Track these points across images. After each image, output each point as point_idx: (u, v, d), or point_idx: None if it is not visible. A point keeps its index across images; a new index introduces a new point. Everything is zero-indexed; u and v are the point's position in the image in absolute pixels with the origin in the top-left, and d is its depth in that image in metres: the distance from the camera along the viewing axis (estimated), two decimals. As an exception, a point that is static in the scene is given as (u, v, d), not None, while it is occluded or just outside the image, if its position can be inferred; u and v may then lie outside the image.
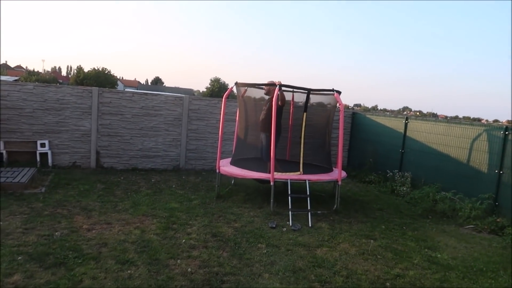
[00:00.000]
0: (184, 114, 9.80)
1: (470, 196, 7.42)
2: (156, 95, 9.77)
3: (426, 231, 6.37)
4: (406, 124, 9.56)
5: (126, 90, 10.80)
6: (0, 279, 3.74)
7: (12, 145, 8.55)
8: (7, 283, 3.69)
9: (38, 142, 8.71)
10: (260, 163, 7.54)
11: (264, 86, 7.45)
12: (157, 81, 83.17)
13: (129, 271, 4.11)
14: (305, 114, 7.42)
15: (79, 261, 4.25)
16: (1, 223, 5.19)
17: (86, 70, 50.86)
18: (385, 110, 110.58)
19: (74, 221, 5.48)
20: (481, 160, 7.57)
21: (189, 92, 64.66)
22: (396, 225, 6.54)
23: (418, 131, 9.21)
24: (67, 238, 4.82)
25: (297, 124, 8.46)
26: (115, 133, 9.30)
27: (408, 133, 9.49)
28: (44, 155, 8.76)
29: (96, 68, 50.82)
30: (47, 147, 8.76)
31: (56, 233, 4.96)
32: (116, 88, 53.99)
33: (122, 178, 8.40)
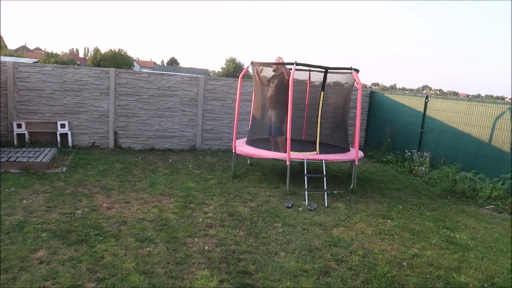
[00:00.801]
0: (200, 94, 9.81)
1: (492, 176, 7.28)
2: (172, 75, 9.78)
3: (444, 211, 6.31)
4: (426, 103, 9.37)
5: (142, 70, 10.83)
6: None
7: (33, 126, 8.75)
8: (33, 258, 3.84)
9: (58, 123, 8.89)
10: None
11: (272, 65, 7.36)
12: (173, 62, 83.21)
13: (148, 249, 4.21)
14: (322, 93, 7.34)
15: (100, 238, 4.38)
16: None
17: (103, 51, 51.18)
18: (404, 89, 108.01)
19: (95, 199, 5.62)
20: (504, 139, 7.38)
21: (204, 72, 64.60)
22: (414, 205, 6.49)
23: (438, 110, 9.01)
24: (88, 216, 4.96)
25: (313, 103, 8.37)
26: (132, 114, 9.40)
27: (427, 112, 9.30)
28: (64, 136, 8.94)
29: (113, 50, 51.07)
30: (67, 128, 8.93)
31: (78, 211, 5.10)
32: (132, 69, 54.25)
33: (139, 158, 8.53)
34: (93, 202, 5.51)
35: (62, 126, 8.92)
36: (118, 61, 48.33)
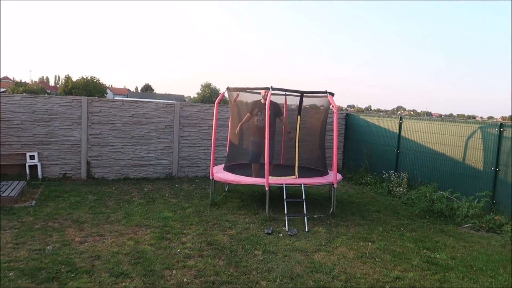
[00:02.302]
0: (175, 121, 9.79)
1: (467, 194, 7.48)
2: (146, 102, 9.75)
3: (424, 231, 6.41)
4: (400, 124, 9.63)
5: (115, 98, 10.75)
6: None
7: (1, 158, 8.48)
8: (-2, 300, 3.65)
9: (27, 155, 8.65)
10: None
11: (261, 91, 7.45)
12: (147, 88, 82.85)
13: (123, 284, 4.08)
14: (299, 117, 7.45)
15: (72, 275, 4.21)
16: (-9, 239, 5.14)
17: (74, 79, 50.70)
18: (378, 111, 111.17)
19: (66, 234, 5.44)
20: (477, 158, 7.64)
21: (180, 98, 64.63)
22: (394, 226, 6.57)
23: (413, 131, 9.27)
24: (59, 252, 4.78)
25: (291, 127, 8.48)
26: (106, 143, 9.26)
27: (402, 133, 9.56)
28: (33, 168, 8.69)
29: (85, 77, 50.67)
30: (36, 159, 8.70)
31: (48, 247, 4.92)
32: (105, 96, 53.77)
33: (113, 188, 8.36)
34: (65, 237, 5.33)
35: (32, 157, 8.68)
36: (91, 88, 47.91)
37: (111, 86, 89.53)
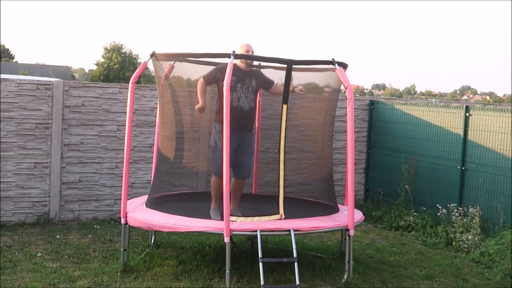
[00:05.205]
0: (55, 115, 9.61)
1: None
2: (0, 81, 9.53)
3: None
4: (466, 119, 9.77)
5: None
6: None
7: None
8: None
9: None
10: (207, 199, 7.52)
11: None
12: (2, 54, 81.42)
13: None
14: (285, 107, 7.45)
15: None
16: None
17: None
18: (429, 94, 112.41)
19: None
20: None
21: (64, 72, 63.69)
22: (459, 305, 6.64)
23: (490, 131, 9.37)
24: None
25: (269, 126, 8.48)
26: None
27: (471, 136, 9.68)
28: None
29: None
30: None
31: None
32: None
33: None
34: None
35: None
36: None
37: None
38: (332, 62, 7.21)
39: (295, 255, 6.63)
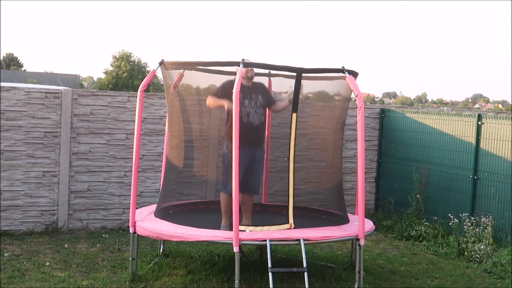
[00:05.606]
0: (64, 124, 9.63)
1: None
2: (8, 89, 9.58)
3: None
4: (479, 128, 9.73)
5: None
6: None
7: None
8: None
9: None
10: (216, 208, 7.50)
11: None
12: (11, 61, 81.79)
13: None
14: (294, 116, 7.44)
15: None
16: None
17: None
18: (440, 102, 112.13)
19: None
20: None
21: (72, 81, 63.95)
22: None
23: (503, 140, 9.35)
24: None
25: (279, 135, 8.45)
26: None
27: (483, 144, 9.64)
28: None
29: None
30: None
31: None
32: None
33: None
34: None
35: None
36: None
37: None
38: (342, 70, 7.20)
39: (305, 265, 6.62)
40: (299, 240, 6.80)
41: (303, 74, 7.32)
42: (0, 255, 8.10)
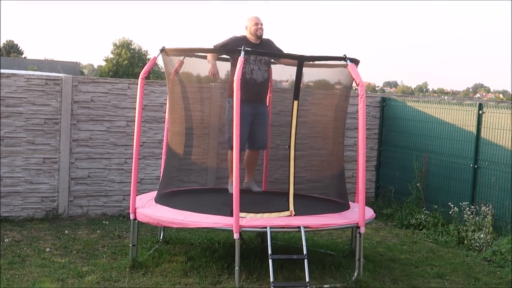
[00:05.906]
0: (64, 111, 9.64)
1: None
2: (8, 76, 9.58)
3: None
4: (479, 117, 9.73)
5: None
6: None
7: None
8: None
9: None
10: (216, 196, 7.51)
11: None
12: (11, 49, 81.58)
13: None
14: (295, 103, 7.44)
15: None
16: None
17: None
18: (441, 92, 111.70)
19: None
20: None
21: (73, 68, 63.82)
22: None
23: (503, 129, 9.35)
24: None
25: (280, 122, 8.46)
26: None
27: (484, 133, 9.64)
28: None
29: None
30: None
31: None
32: None
33: None
34: None
35: None
36: None
37: None
38: (344, 58, 7.19)
39: (305, 252, 6.64)
40: (299, 227, 6.82)
41: (305, 62, 7.32)
42: (0, 241, 8.15)
